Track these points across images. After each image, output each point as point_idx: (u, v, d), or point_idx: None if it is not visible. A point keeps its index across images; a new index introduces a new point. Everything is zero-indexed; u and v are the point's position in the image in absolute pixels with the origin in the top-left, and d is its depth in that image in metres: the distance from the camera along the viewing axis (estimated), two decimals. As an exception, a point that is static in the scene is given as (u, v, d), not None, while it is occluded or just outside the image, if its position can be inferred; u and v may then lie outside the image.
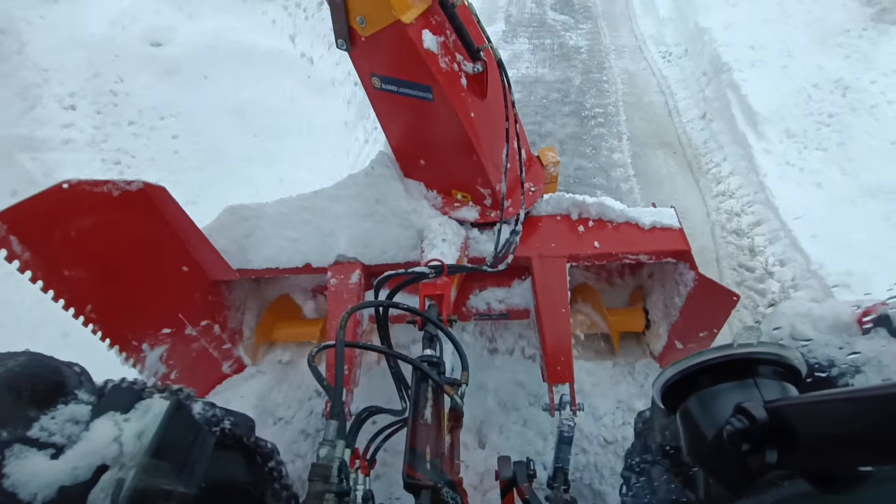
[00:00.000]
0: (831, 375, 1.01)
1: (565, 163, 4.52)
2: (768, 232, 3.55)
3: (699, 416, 0.80)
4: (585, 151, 4.74)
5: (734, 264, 3.47)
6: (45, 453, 0.85)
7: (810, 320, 1.15)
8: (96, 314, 1.79)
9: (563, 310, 2.02)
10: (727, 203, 3.97)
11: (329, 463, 0.90)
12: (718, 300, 2.00)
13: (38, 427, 0.87)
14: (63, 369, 0.97)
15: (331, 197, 2.22)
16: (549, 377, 1.93)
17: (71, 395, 0.94)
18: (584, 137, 4.93)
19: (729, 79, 4.92)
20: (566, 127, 5.14)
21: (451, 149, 2.06)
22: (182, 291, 2.09)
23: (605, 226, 2.22)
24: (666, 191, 4.24)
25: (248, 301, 2.50)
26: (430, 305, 1.71)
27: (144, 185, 1.80)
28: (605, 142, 4.85)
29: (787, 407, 0.66)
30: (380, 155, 2.25)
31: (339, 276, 2.12)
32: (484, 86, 1.96)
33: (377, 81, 1.94)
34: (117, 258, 1.82)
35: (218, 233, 2.17)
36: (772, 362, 0.79)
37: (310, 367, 1.12)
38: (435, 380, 1.27)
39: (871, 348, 1.01)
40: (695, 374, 0.82)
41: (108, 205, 1.72)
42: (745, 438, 0.66)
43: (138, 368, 1.98)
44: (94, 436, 0.87)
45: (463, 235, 2.17)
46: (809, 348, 1.08)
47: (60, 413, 0.89)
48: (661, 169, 4.50)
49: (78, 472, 0.86)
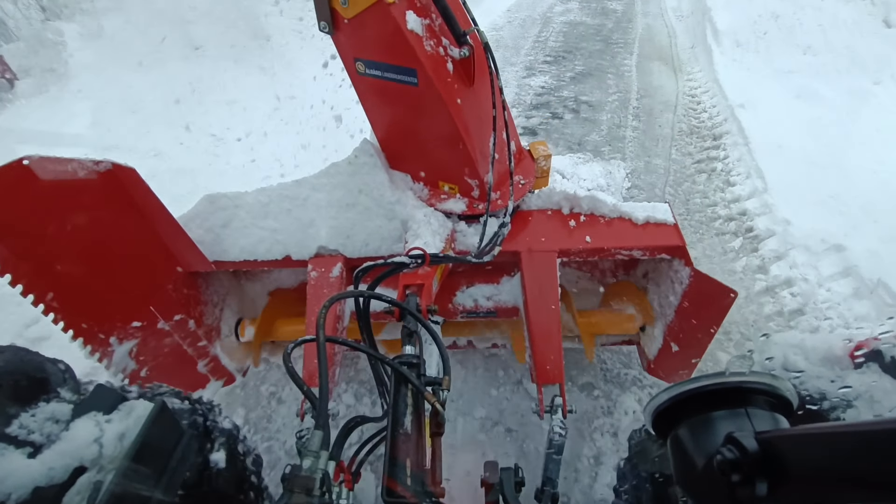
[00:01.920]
0: (823, 408, 1.07)
1: (595, 64, 7.88)
2: (711, 95, 6.64)
3: (689, 445, 0.84)
4: (605, 59, 8.14)
5: (687, 109, 6.54)
6: (23, 452, 0.90)
7: (802, 352, 1.23)
8: (58, 303, 1.78)
9: (553, 306, 2.07)
10: (691, 83, 7.23)
11: (312, 475, 0.91)
12: (715, 297, 2.05)
13: (17, 424, 0.91)
14: (47, 366, 1.02)
15: (313, 186, 2.26)
16: (537, 377, 1.98)
17: (53, 392, 0.98)
18: (606, 53, 8.39)
19: (708, 15, 8.57)
20: (596, 46, 8.72)
21: (438, 137, 2.11)
22: (153, 282, 2.10)
23: (598, 220, 2.28)
24: (654, 78, 7.44)
25: (228, 297, 2.54)
26: (410, 296, 1.69)
27: (113, 165, 1.81)
28: (621, 56, 8.23)
29: (779, 439, 0.69)
30: (363, 143, 2.29)
31: (319, 269, 2.17)
32: (471, 72, 2.00)
33: (361, 66, 1.99)
34: (81, 243, 1.82)
35: (194, 222, 2.20)
36: (764, 392, 0.83)
37: (286, 368, 1.12)
38: (414, 384, 1.25)
39: (863, 382, 1.08)
40: (686, 401, 0.86)
41: (72, 185, 1.72)
42: (735, 469, 0.69)
43: (105, 363, 1.99)
44: (73, 436, 0.92)
45: (449, 228, 2.22)
46: (801, 380, 1.15)
47: (41, 411, 0.94)
48: (654, 69, 7.80)
49: (54, 473, 0.90)
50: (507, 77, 7.30)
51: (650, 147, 5.58)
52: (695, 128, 5.95)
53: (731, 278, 3.73)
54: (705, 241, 4.18)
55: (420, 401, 1.25)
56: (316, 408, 1.06)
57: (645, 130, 5.93)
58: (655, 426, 0.93)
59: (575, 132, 5.87)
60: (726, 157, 5.18)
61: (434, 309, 1.71)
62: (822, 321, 3.17)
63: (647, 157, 5.36)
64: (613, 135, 5.82)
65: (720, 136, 5.62)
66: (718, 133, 5.68)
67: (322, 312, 1.17)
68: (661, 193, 4.77)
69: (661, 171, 5.15)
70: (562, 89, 6.98)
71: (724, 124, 5.74)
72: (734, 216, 4.37)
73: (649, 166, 5.21)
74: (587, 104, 6.56)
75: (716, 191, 4.78)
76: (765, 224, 4.12)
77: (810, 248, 3.74)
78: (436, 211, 2.24)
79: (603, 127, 6.00)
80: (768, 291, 3.56)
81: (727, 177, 4.91)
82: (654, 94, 6.84)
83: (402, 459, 1.11)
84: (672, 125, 6.04)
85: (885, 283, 3.19)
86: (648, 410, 0.92)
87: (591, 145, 5.60)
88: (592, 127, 6.00)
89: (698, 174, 5.07)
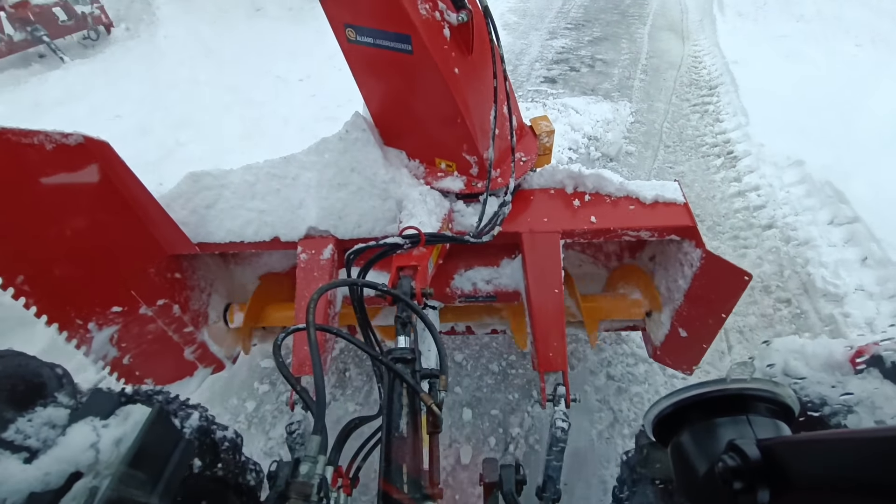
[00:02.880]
0: (824, 415, 1.10)
1: (611, 31, 9.28)
2: (712, 57, 7.93)
3: (691, 452, 0.87)
4: (620, 28, 9.56)
5: (689, 68, 7.80)
6: (19, 457, 0.92)
7: (803, 358, 1.26)
8: (29, 286, 1.76)
9: (556, 290, 2.06)
10: (696, 48, 8.55)
11: (309, 480, 0.92)
12: (728, 280, 2.01)
13: (13, 429, 0.92)
14: (44, 371, 1.02)
15: (302, 164, 2.23)
16: (539, 365, 1.97)
17: (50, 397, 0.99)
18: (622, 23, 9.84)
19: (716, -11, 10.15)
20: (613, 17, 10.24)
21: (434, 111, 2.07)
22: (133, 265, 2.08)
23: (603, 200, 2.27)
24: (663, 45, 8.74)
25: (216, 282, 2.52)
26: (404, 279, 1.67)
27: (84, 139, 1.76)
28: (635, 26, 9.66)
29: (781, 446, 0.71)
30: (355, 117, 2.25)
31: (309, 252, 2.16)
32: (469, 39, 1.96)
33: (352, 33, 1.94)
34: (53, 223, 1.78)
35: (176, 202, 2.17)
36: (765, 399, 0.85)
37: (276, 364, 1.12)
38: (410, 384, 1.25)
39: (864, 389, 1.11)
40: (687, 408, 0.88)
41: (39, 159, 1.67)
42: (737, 476, 0.71)
43: (83, 350, 1.98)
44: (70, 441, 0.93)
45: (446, 207, 2.20)
46: (802, 386, 1.18)
47: (38, 416, 0.95)
48: (664, 37, 9.16)
49: (50, 479, 0.91)
50: (532, 39, 8.91)
51: (654, 94, 6.92)
52: (694, 81, 7.37)
53: (711, 186, 4.95)
54: (693, 160, 5.43)
55: (416, 400, 1.25)
56: (312, 410, 1.06)
57: (651, 82, 7.29)
58: (657, 433, 0.95)
59: (589, 81, 7.26)
60: (718, 101, 6.59)
61: (429, 293, 1.68)
62: (778, 209, 4.41)
63: (650, 101, 6.71)
64: (623, 84, 7.17)
65: (715, 87, 7.01)
66: (714, 84, 7.09)
67: (311, 307, 1.16)
68: (659, 128, 6.09)
69: (662, 111, 6.48)
70: (580, 49, 8.47)
71: (720, 77, 7.16)
72: (719, 143, 5.69)
73: (652, 108, 6.56)
74: (602, 61, 7.96)
75: (706, 125, 6.12)
76: (743, 148, 5.40)
77: (777, 164, 4.99)
78: (432, 190, 2.21)
79: (614, 79, 7.37)
80: (740, 194, 4.76)
81: (717, 115, 6.28)
82: (661, 56, 8.19)
83: (398, 462, 1.11)
84: (675, 79, 7.41)
85: (831, 182, 4.41)
86: (649, 417, 0.94)
87: (603, 91, 6.95)
88: (605, 78, 7.40)
89: (693, 114, 6.44)
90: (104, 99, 6.21)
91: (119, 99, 6.16)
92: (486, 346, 3.20)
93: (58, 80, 6.66)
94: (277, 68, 7.23)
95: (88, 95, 6.33)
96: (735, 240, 4.19)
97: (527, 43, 8.74)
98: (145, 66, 6.97)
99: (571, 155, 5.44)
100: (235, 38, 7.86)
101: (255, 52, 7.66)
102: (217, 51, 7.44)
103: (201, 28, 7.84)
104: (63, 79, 6.77)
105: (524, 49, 8.47)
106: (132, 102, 6.12)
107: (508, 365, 3.09)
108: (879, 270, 3.59)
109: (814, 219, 4.22)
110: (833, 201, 4.27)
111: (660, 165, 5.34)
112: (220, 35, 7.79)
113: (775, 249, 4.04)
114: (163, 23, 7.81)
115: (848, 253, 3.84)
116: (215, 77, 6.79)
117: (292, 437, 1.72)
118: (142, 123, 5.71)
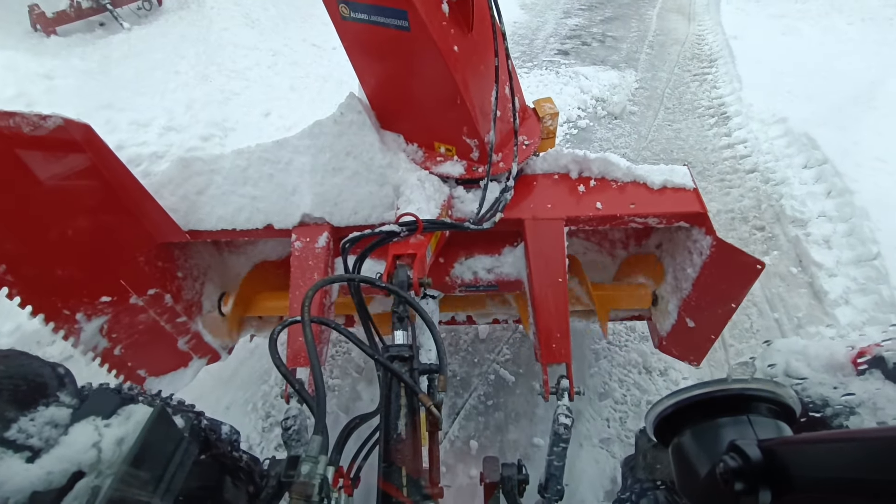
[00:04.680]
0: (825, 415, 1.16)
1: (622, 12, 10.68)
2: (714, 34, 9.17)
3: (692, 452, 0.92)
4: (630, 9, 10.92)
5: (692, 45, 8.99)
6: (21, 456, 1.00)
7: (805, 358, 1.32)
8: (12, 276, 1.80)
9: (560, 279, 2.10)
10: (700, 28, 9.79)
11: (310, 480, 0.97)
12: (739, 269, 2.04)
13: (16, 428, 1.00)
14: (46, 370, 1.10)
15: (295, 148, 2.28)
16: (542, 356, 2.02)
17: (52, 396, 1.07)
18: (632, 5, 11.25)
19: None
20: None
21: (432, 91, 2.10)
22: (121, 254, 2.13)
23: (609, 185, 2.30)
24: (670, 25, 10.04)
25: (209, 271, 2.59)
26: (401, 268, 1.69)
27: (64, 121, 1.78)
28: (644, 8, 11.09)
29: (782, 446, 0.76)
30: (349, 98, 2.27)
31: (303, 240, 2.21)
32: (469, 15, 1.98)
33: (345, 10, 1.96)
34: (35, 209, 1.82)
35: (166, 188, 2.23)
36: (766, 400, 0.90)
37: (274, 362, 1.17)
38: (408, 384, 1.29)
39: (866, 390, 1.17)
40: (688, 408, 0.93)
41: (16, 143, 1.70)
42: (738, 477, 0.75)
43: (72, 341, 2.05)
44: (72, 440, 1.01)
45: (445, 193, 2.24)
46: (804, 387, 1.24)
47: (40, 415, 1.03)
48: (672, 19, 10.43)
49: (52, 478, 0.99)
50: (548, 17, 10.37)
51: (658, 66, 8.14)
52: (696, 55, 8.59)
53: (704, 140, 6.00)
54: (689, 119, 6.53)
55: (415, 399, 1.30)
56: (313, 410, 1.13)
57: (656, 55, 8.55)
58: (658, 433, 1.00)
59: (599, 54, 8.55)
60: (716, 71, 7.75)
61: (428, 282, 1.72)
62: (761, 157, 5.40)
63: (654, 72, 7.93)
64: (630, 57, 8.40)
65: (715, 59, 8.18)
66: (714, 58, 8.24)
67: (306, 304, 1.21)
68: (661, 93, 7.24)
69: (664, 80, 7.66)
70: (592, 27, 9.81)
71: (720, 52, 8.32)
72: (714, 106, 6.80)
73: (655, 77, 7.76)
74: (612, 37, 9.29)
75: (704, 91, 7.25)
76: (735, 108, 6.50)
77: (764, 120, 6.03)
78: (431, 175, 2.25)
79: (622, 52, 8.63)
80: (729, 146, 5.80)
81: (714, 83, 7.42)
82: (668, 34, 9.52)
83: (397, 462, 1.17)
84: (679, 54, 8.63)
85: (807, 133, 5.37)
86: (651, 417, 0.99)
87: (611, 62, 8.18)
88: (614, 51, 8.65)
89: (692, 82, 7.58)
90: (164, 56, 7.32)
91: (177, 56, 7.23)
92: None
93: (121, 42, 7.76)
94: (314, 37, 8.52)
95: (150, 53, 7.46)
96: (721, 182, 5.23)
97: (542, 21, 10.19)
98: (196, 31, 8.08)
99: (580, 113, 6.66)
100: (274, 8, 9.16)
101: (292, 22, 9.01)
102: (258, 21, 8.70)
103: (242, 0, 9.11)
104: (126, 41, 7.81)
105: (540, 26, 9.88)
106: (189, 59, 7.17)
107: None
108: (838, 199, 4.52)
109: (790, 163, 5.22)
110: (807, 148, 5.26)
111: (660, 123, 6.49)
112: (258, 7, 9.02)
113: (755, 189, 5.03)
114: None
115: (816, 188, 4.79)
116: (257, 43, 8.01)
117: (288, 434, 1.79)
118: (201, 74, 6.85)
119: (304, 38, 8.54)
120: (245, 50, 7.68)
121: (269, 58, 7.74)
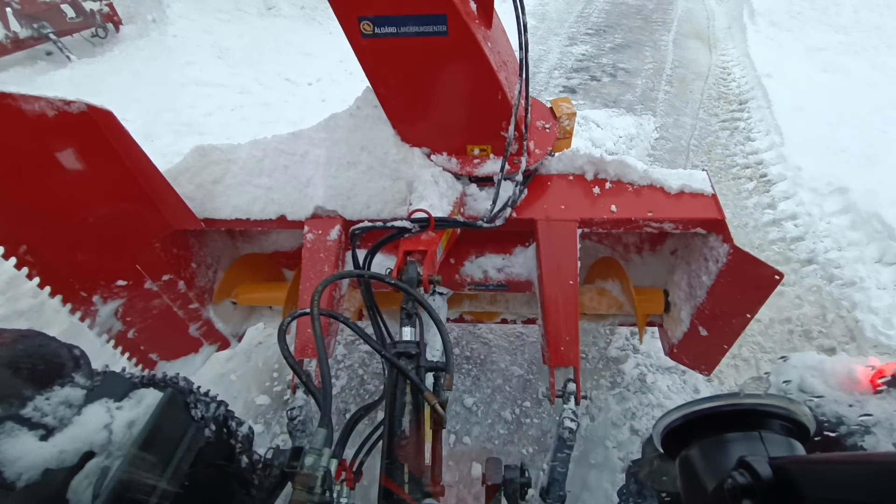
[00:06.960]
0: (840, 434, 1.15)
1: (634, 38, 9.57)
2: (742, 68, 8.05)
3: (700, 466, 0.91)
4: (643, 34, 9.82)
5: (717, 79, 7.93)
6: (35, 434, 1.06)
7: (821, 375, 1.31)
8: (32, 256, 1.87)
9: (571, 282, 2.11)
10: (724, 58, 8.74)
11: (314, 472, 1.00)
12: (756, 279, 2.03)
13: (31, 407, 1.07)
14: (63, 351, 1.16)
15: (311, 140, 2.33)
16: (550, 359, 2.03)
17: (68, 377, 1.13)
18: (645, 29, 10.14)
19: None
20: (636, 22, 10.53)
21: (472, 93, 2.09)
22: (138, 239, 2.20)
23: (625, 188, 2.30)
24: (689, 54, 8.95)
25: (223, 259, 2.67)
26: (411, 264, 1.70)
27: (88, 107, 1.84)
28: (659, 33, 9.92)
29: (794, 465, 0.75)
30: (366, 93, 2.31)
31: (315, 232, 2.26)
32: (491, 12, 2.01)
33: (368, 26, 1.89)
34: (55, 192, 1.88)
35: (183, 176, 2.30)
36: (779, 416, 0.89)
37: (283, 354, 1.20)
38: (414, 381, 1.31)
39: (884, 410, 1.16)
40: (698, 421, 0.93)
41: (41, 126, 1.74)
42: (746, 495, 0.75)
43: (88, 323, 2.14)
44: (85, 421, 1.08)
45: (458, 190, 2.27)
46: (818, 404, 1.23)
47: (55, 395, 1.09)
48: (690, 46, 9.37)
49: (65, 457, 1.05)
50: (551, 45, 9.14)
51: (680, 108, 7.06)
52: (723, 94, 7.49)
53: (743, 213, 4.87)
54: (722, 182, 5.41)
55: (419, 396, 1.33)
56: (319, 403, 1.17)
57: (677, 94, 7.45)
58: (665, 445, 1.01)
59: (611, 92, 7.40)
60: (749, 118, 6.55)
61: (437, 280, 1.74)
62: (819, 243, 4.26)
63: (676, 116, 6.83)
64: (647, 97, 7.31)
65: (746, 101, 7.01)
66: (744, 98, 7.08)
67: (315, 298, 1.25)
68: (686, 145, 6.14)
69: (688, 127, 6.59)
70: (601, 57, 8.69)
71: (751, 91, 7.14)
72: (751, 165, 5.63)
73: (678, 123, 6.66)
74: (624, 70, 8.16)
75: (736, 144, 6.10)
76: (778, 171, 5.29)
77: (817, 190, 4.85)
78: (444, 172, 2.27)
79: (638, 90, 7.51)
80: (775, 223, 4.64)
81: (748, 133, 6.23)
82: (688, 66, 8.43)
83: (400, 459, 1.21)
84: (702, 91, 7.55)
85: (878, 213, 4.22)
86: (659, 428, 0.99)
87: (625, 104, 7.06)
88: (627, 89, 7.54)
89: (722, 131, 6.46)
90: (111, 100, 6.07)
91: (127, 101, 6.27)
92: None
93: (63, 81, 6.81)
94: (289, 70, 7.70)
95: (95, 96, 6.12)
96: (770, 277, 4.14)
97: (545, 49, 8.96)
98: (154, 66, 7.21)
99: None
100: (247, 37, 8.28)
101: (267, 53, 8.08)
102: (228, 52, 7.82)
103: (213, 27, 8.21)
104: (69, 79, 6.92)
105: (542, 55, 8.65)
106: (140, 104, 6.26)
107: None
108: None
109: (860, 256, 4.01)
110: (882, 236, 4.08)
111: (686, 187, 5.47)
112: (231, 34, 8.16)
113: (816, 290, 3.83)
114: (173, 21, 8.05)
115: (903, 301, 3.57)
116: (224, 79, 7.12)
117: (293, 424, 1.85)
118: (148, 128, 5.81)
119: (278, 71, 7.67)
120: (210, 88, 6.75)
121: (237, 97, 6.79)
